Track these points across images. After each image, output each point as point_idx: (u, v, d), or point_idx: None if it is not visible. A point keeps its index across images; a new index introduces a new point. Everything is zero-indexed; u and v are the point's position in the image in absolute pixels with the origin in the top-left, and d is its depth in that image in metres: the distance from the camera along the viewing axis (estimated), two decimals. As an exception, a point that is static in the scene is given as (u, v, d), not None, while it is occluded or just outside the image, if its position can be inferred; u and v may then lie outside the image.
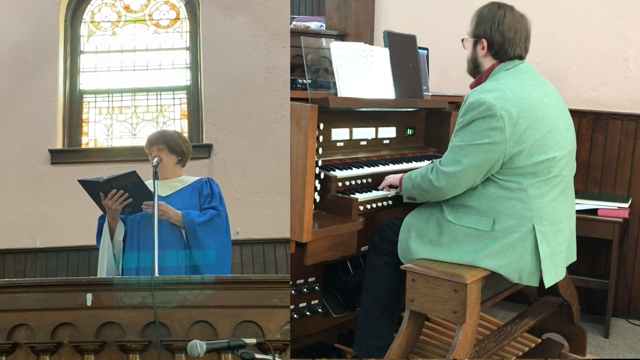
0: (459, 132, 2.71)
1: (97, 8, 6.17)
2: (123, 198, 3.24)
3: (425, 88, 3.72)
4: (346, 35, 5.26)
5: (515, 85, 2.71)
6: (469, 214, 2.74)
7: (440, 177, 2.73)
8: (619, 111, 4.39)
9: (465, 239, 2.73)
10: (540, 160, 2.69)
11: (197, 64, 5.97)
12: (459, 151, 2.69)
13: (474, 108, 2.65)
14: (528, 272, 2.70)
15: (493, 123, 2.61)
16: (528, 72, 2.82)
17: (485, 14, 2.85)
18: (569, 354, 3.43)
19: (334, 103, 2.97)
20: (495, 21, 2.81)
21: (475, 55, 2.89)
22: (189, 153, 3.58)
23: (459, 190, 2.73)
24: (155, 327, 2.72)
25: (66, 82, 5.92)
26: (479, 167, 2.66)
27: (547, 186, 2.72)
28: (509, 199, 2.69)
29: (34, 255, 5.56)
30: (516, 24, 2.81)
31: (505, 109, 2.62)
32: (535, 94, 2.73)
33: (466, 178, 2.69)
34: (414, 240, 2.83)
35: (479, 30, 2.85)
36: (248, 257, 5.52)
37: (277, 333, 2.76)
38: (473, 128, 2.65)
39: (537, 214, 2.68)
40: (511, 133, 2.62)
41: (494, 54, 2.83)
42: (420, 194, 2.86)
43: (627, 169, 4.39)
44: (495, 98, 2.63)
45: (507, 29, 2.80)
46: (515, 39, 2.80)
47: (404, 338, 2.73)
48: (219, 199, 3.47)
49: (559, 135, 2.76)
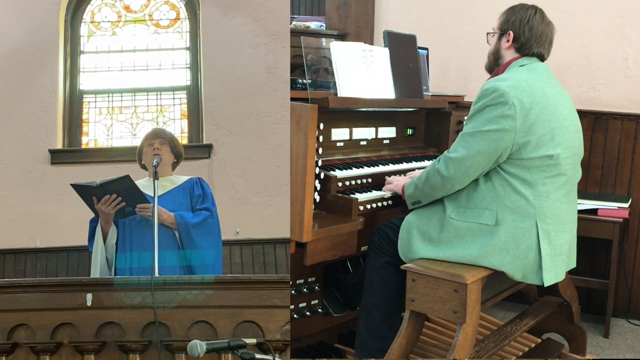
0: (470, 119, 2.74)
1: (97, 8, 6.17)
2: (116, 202, 3.24)
3: (425, 88, 3.72)
4: (346, 35, 5.26)
5: (530, 78, 2.75)
6: (472, 209, 2.74)
7: (449, 164, 2.73)
8: (619, 111, 4.40)
9: (468, 235, 2.72)
10: (547, 155, 2.69)
11: (197, 64, 5.98)
12: (469, 138, 2.70)
13: (487, 94, 2.68)
14: (532, 270, 2.70)
15: (505, 110, 2.64)
16: (544, 71, 2.86)
17: (517, 10, 2.92)
18: (569, 354, 3.42)
19: (334, 103, 2.97)
20: (526, 17, 2.87)
21: (498, 48, 2.93)
22: (182, 158, 3.64)
23: (468, 179, 2.73)
24: (155, 327, 2.72)
25: (66, 82, 5.92)
26: (488, 155, 2.67)
27: (552, 185, 2.73)
28: (513, 193, 2.69)
29: (34, 255, 5.56)
30: (545, 27, 2.89)
31: (518, 97, 2.65)
32: (548, 90, 2.77)
33: (475, 165, 2.69)
34: (416, 238, 2.82)
35: (508, 23, 2.90)
36: (248, 257, 5.52)
37: (277, 333, 2.76)
38: (485, 115, 2.67)
39: (541, 211, 2.69)
40: (522, 122, 2.64)
41: (518, 47, 2.88)
42: (427, 194, 2.84)
43: (627, 169, 4.39)
44: (509, 86, 2.66)
45: (535, 27, 2.86)
46: (542, 37, 2.87)
47: (404, 338, 2.72)
48: (211, 199, 3.48)
49: (568, 135, 2.79)
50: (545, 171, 2.71)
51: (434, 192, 2.83)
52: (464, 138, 2.73)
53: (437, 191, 2.81)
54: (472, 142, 2.69)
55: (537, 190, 2.70)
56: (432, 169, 2.81)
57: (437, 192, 2.82)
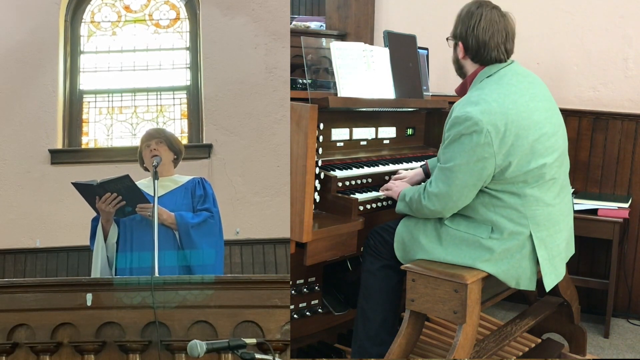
0: (447, 149, 2.65)
1: (97, 8, 6.17)
2: (117, 201, 3.24)
3: (425, 88, 3.72)
4: (346, 35, 5.26)
5: (500, 96, 2.63)
6: (466, 218, 2.72)
7: (434, 200, 2.68)
8: (619, 111, 4.39)
9: (462, 244, 2.70)
10: (530, 169, 2.64)
11: (197, 64, 5.98)
12: (449, 174, 2.63)
13: (460, 122, 2.59)
14: (525, 277, 2.69)
15: (481, 139, 2.55)
16: (513, 77, 2.72)
17: (463, 15, 2.76)
18: (569, 354, 3.43)
19: (334, 103, 2.97)
20: (470, 24, 2.72)
21: (456, 57, 2.83)
22: (182, 154, 3.62)
23: (457, 208, 2.70)
24: (155, 327, 2.72)
25: (66, 82, 5.92)
26: (473, 186, 2.63)
27: (541, 190, 2.68)
28: (504, 207, 2.65)
29: (34, 255, 5.56)
30: (494, 25, 2.70)
31: (491, 122, 2.55)
32: (520, 101, 2.65)
33: (462, 198, 2.65)
34: (413, 241, 2.81)
35: (456, 32, 2.79)
36: (248, 257, 5.52)
37: (277, 333, 2.76)
38: (461, 146, 2.59)
39: (534, 221, 2.66)
40: (499, 146, 2.57)
41: (472, 57, 2.76)
42: (421, 215, 2.82)
43: (627, 169, 4.39)
44: (481, 112, 2.56)
45: (482, 32, 2.69)
46: (490, 43, 2.69)
47: (404, 338, 2.72)
48: (212, 200, 3.47)
49: (547, 141, 2.70)
50: (532, 182, 2.66)
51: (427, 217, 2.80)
52: (444, 174, 2.65)
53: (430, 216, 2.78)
54: (453, 178, 2.62)
55: (526, 200, 2.65)
56: (419, 202, 2.75)
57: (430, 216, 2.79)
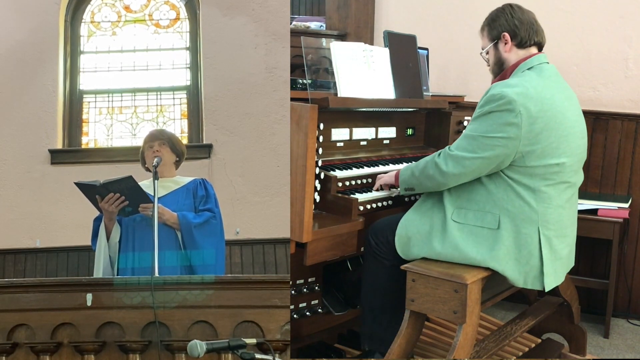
0: (475, 120, 2.70)
1: (97, 8, 6.17)
2: (119, 201, 3.25)
3: (425, 88, 3.72)
4: (346, 35, 5.26)
5: (539, 84, 2.70)
6: (474, 211, 2.72)
7: (449, 161, 2.71)
8: (619, 111, 4.39)
9: (470, 238, 2.70)
10: (551, 164, 2.67)
11: (197, 64, 5.98)
12: (472, 141, 2.67)
13: (494, 100, 2.64)
14: (533, 275, 2.70)
15: (510, 118, 2.60)
16: (552, 74, 2.82)
17: (495, 14, 2.91)
18: (569, 354, 3.43)
19: (334, 103, 2.97)
20: (507, 13, 2.87)
21: (499, 56, 2.89)
22: (184, 156, 3.63)
23: (463, 179, 2.72)
24: (155, 327, 2.72)
25: (66, 82, 5.92)
26: (489, 160, 2.65)
27: (555, 191, 2.71)
28: (516, 198, 2.67)
29: (34, 255, 5.56)
30: (525, 15, 2.87)
31: (525, 106, 2.61)
32: (557, 96, 2.73)
33: (473, 168, 2.67)
34: (416, 237, 2.80)
35: (496, 29, 2.88)
36: (248, 257, 5.52)
37: (277, 333, 2.76)
38: (490, 120, 2.64)
39: (544, 218, 2.68)
40: (527, 131, 2.61)
41: (518, 43, 2.85)
42: (422, 182, 2.82)
43: (627, 169, 4.39)
44: (517, 94, 2.62)
45: (521, 15, 2.87)
46: (534, 25, 2.86)
47: (404, 338, 2.72)
48: (214, 200, 3.48)
49: (573, 142, 2.76)
50: (549, 179, 2.69)
51: (429, 183, 2.80)
52: (466, 139, 2.70)
53: (432, 182, 2.79)
54: (474, 146, 2.66)
55: (540, 196, 2.68)
56: (432, 160, 2.78)
57: (432, 184, 2.79)
